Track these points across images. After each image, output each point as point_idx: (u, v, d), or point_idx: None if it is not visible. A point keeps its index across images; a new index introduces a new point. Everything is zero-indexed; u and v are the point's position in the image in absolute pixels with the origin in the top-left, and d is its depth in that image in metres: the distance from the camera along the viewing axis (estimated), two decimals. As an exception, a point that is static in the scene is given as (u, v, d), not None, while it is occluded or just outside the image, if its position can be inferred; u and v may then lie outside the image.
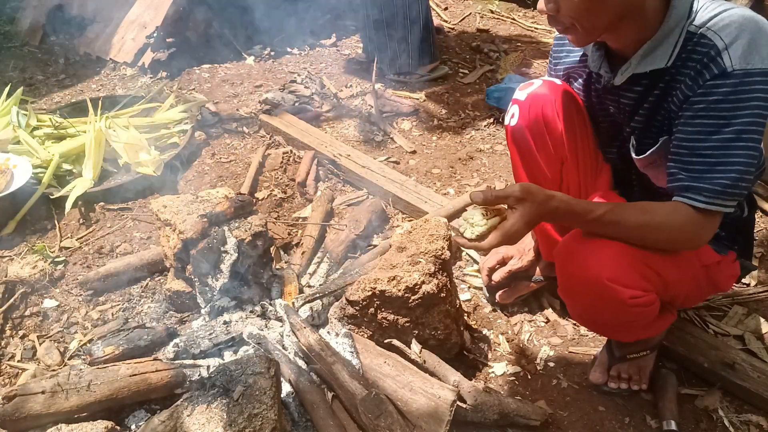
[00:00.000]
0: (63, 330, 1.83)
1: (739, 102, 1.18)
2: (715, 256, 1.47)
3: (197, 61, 3.39)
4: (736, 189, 1.22)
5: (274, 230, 2.18)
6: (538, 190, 1.25)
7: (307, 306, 1.75)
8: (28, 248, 2.09)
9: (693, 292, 1.49)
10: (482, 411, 1.50)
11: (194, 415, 1.31)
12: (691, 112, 1.23)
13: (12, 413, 1.41)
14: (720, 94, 1.18)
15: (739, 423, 1.58)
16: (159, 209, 1.80)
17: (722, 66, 1.17)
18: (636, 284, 1.30)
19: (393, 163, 2.69)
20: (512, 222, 1.24)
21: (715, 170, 1.21)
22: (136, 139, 2.47)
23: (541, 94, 1.56)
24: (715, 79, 1.18)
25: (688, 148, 1.25)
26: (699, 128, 1.22)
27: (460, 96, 3.25)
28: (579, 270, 1.33)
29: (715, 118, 1.20)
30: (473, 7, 4.45)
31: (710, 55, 1.19)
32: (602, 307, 1.35)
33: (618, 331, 1.50)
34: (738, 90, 1.17)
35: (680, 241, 1.30)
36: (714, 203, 1.23)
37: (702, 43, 1.21)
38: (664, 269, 1.34)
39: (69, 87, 3.27)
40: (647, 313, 1.37)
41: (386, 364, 1.54)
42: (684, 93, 1.24)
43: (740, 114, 1.18)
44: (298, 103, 3.04)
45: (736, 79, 1.17)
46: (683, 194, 1.25)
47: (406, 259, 1.60)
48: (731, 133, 1.19)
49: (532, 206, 1.23)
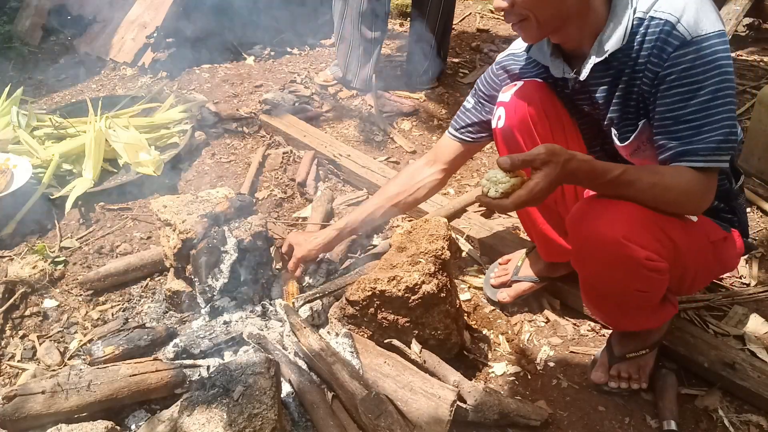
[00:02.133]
0: (63, 330, 1.83)
1: (706, 65, 1.26)
2: (721, 232, 1.50)
3: (197, 61, 3.39)
4: (727, 143, 1.30)
5: (274, 230, 2.18)
6: (561, 150, 1.27)
7: (307, 306, 1.75)
8: (28, 248, 2.09)
9: (702, 268, 1.50)
10: (482, 411, 1.50)
11: (194, 415, 1.31)
12: (665, 85, 1.31)
13: (12, 413, 1.41)
14: (686, 62, 1.27)
15: (739, 423, 1.58)
16: (159, 209, 1.80)
17: (681, 36, 1.27)
18: (651, 246, 1.32)
19: (393, 163, 2.69)
20: (536, 181, 1.25)
21: (703, 131, 1.29)
22: (136, 139, 2.47)
23: (524, 93, 1.58)
24: (678, 50, 1.28)
25: (671, 118, 1.32)
26: (677, 97, 1.30)
27: (460, 96, 3.25)
28: (594, 231, 1.34)
29: (688, 85, 1.29)
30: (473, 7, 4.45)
31: (666, 31, 1.29)
32: (617, 269, 1.35)
33: (624, 311, 1.49)
34: (700, 55, 1.26)
35: (687, 202, 1.35)
36: (712, 160, 1.30)
37: (653, 24, 1.31)
38: (677, 235, 1.36)
39: (69, 87, 3.26)
40: (657, 283, 1.38)
41: (386, 364, 1.54)
42: (652, 71, 1.33)
43: (710, 75, 1.27)
44: (298, 103, 3.04)
45: (695, 45, 1.26)
46: (680, 159, 1.32)
47: (406, 259, 1.60)
48: (707, 94, 1.27)
49: (557, 166, 1.25)
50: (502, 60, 1.69)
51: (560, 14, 1.35)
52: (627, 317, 1.52)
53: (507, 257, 2.00)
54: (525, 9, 1.33)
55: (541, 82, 1.60)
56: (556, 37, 1.45)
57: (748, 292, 1.96)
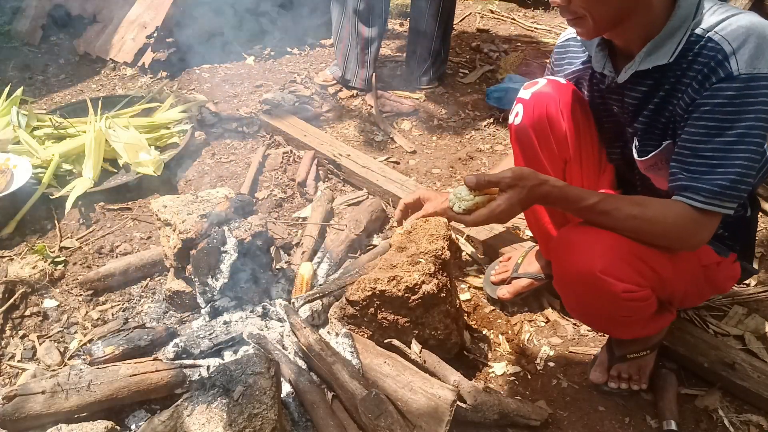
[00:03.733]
0: (63, 330, 1.83)
1: (744, 105, 1.19)
2: (714, 257, 1.47)
3: (197, 61, 3.39)
4: (734, 191, 1.23)
5: (274, 230, 2.18)
6: (530, 174, 1.27)
7: (307, 306, 1.75)
8: (28, 248, 2.09)
9: (691, 291, 1.49)
10: (482, 411, 1.50)
11: (194, 415, 1.31)
12: (697, 114, 1.24)
13: (12, 413, 1.41)
14: (725, 98, 1.20)
15: (739, 423, 1.58)
16: (159, 209, 1.80)
17: (729, 70, 1.19)
18: (629, 278, 1.30)
19: (393, 163, 2.69)
20: (498, 203, 1.29)
21: (715, 172, 1.23)
22: (136, 139, 2.47)
23: (545, 93, 1.56)
24: (721, 83, 1.20)
25: (690, 149, 1.26)
26: (703, 130, 1.24)
27: (460, 96, 3.25)
28: (573, 262, 1.33)
29: (719, 121, 1.22)
30: (473, 7, 4.45)
31: (717, 59, 1.20)
32: (595, 300, 1.35)
33: (614, 327, 1.50)
34: (743, 94, 1.19)
35: (675, 238, 1.31)
36: (712, 203, 1.24)
37: (709, 47, 1.22)
38: (660, 266, 1.34)
39: (69, 87, 3.27)
40: (642, 309, 1.37)
41: (386, 364, 1.54)
42: (690, 96, 1.26)
43: (744, 117, 1.19)
44: (298, 103, 3.04)
45: (741, 83, 1.18)
46: (682, 193, 1.27)
47: (406, 259, 1.60)
48: (734, 136, 1.21)
49: (522, 191, 1.27)
50: (561, 42, 1.64)
51: (618, 14, 1.27)
52: (617, 329, 1.51)
53: (508, 255, 2.01)
54: (582, 7, 1.26)
55: (564, 83, 1.57)
56: (608, 33, 1.38)
57: (748, 292, 1.96)
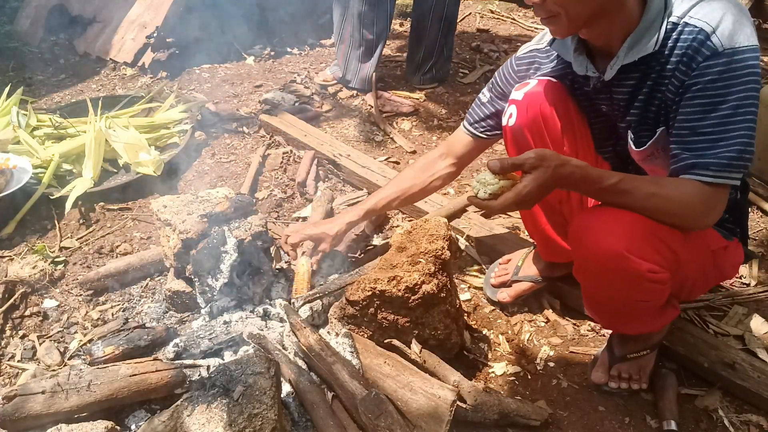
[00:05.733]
0: (63, 330, 1.83)
1: (732, 79, 1.23)
2: (722, 241, 1.49)
3: (197, 61, 3.39)
4: (740, 161, 1.26)
5: (274, 230, 2.18)
6: (552, 155, 1.27)
7: (307, 306, 1.75)
8: (28, 248, 2.09)
9: (700, 277, 1.50)
10: (482, 411, 1.50)
11: (194, 415, 1.31)
12: (689, 94, 1.28)
13: (12, 413, 1.41)
14: (714, 74, 1.24)
15: (739, 423, 1.58)
16: (159, 209, 1.80)
17: (713, 47, 1.23)
18: (652, 258, 1.31)
19: (393, 163, 2.69)
20: (524, 184, 1.27)
21: (718, 145, 1.26)
22: (136, 139, 2.47)
23: (538, 92, 1.56)
24: (708, 60, 1.24)
25: (689, 128, 1.29)
26: (697, 108, 1.27)
27: (460, 96, 3.25)
28: (596, 243, 1.33)
29: (711, 97, 1.25)
30: (473, 7, 4.45)
31: (699, 39, 1.25)
32: (617, 282, 1.35)
33: (624, 318, 1.49)
34: (730, 68, 1.23)
35: (691, 216, 1.32)
36: (722, 176, 1.27)
37: (687, 31, 1.27)
38: (677, 246, 1.35)
39: (69, 87, 3.27)
40: (659, 293, 1.38)
41: (386, 364, 1.54)
42: (679, 79, 1.29)
43: (735, 90, 1.23)
44: (298, 103, 3.04)
45: (726, 57, 1.23)
46: (690, 171, 1.29)
47: (406, 259, 1.60)
48: (728, 108, 1.24)
49: (547, 171, 1.26)
50: (523, 54, 1.64)
51: (592, 11, 1.29)
52: (628, 323, 1.52)
53: (507, 257, 2.00)
54: (556, 5, 1.28)
55: (555, 81, 1.57)
56: (584, 32, 1.39)
57: (748, 292, 1.96)
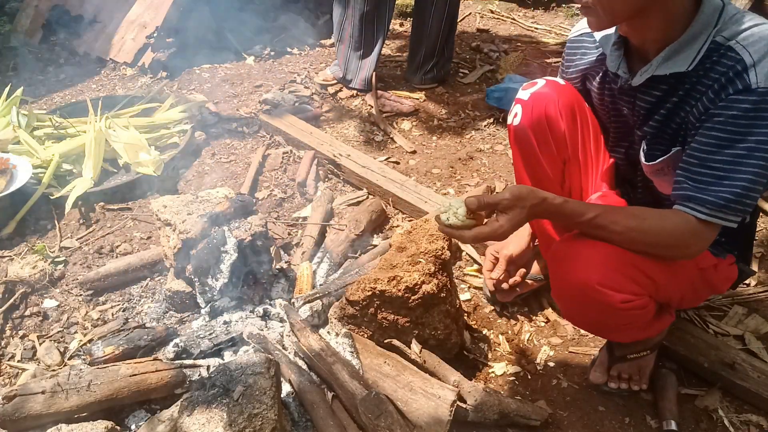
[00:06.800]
0: (63, 330, 1.83)
1: (757, 119, 1.17)
2: (711, 259, 1.47)
3: (197, 61, 3.39)
4: (739, 205, 1.22)
5: (274, 230, 2.18)
6: (528, 194, 1.26)
7: (307, 306, 1.75)
8: (28, 248, 2.09)
9: (688, 294, 1.49)
10: (482, 411, 1.50)
11: (194, 415, 1.31)
12: (709, 123, 1.22)
13: (12, 413, 1.41)
14: (740, 110, 1.18)
15: (739, 423, 1.58)
16: (159, 209, 1.80)
17: (747, 82, 1.16)
18: (626, 288, 1.30)
19: (393, 163, 2.69)
20: (500, 224, 1.27)
21: (722, 183, 1.21)
22: (136, 139, 2.47)
23: (544, 93, 1.55)
24: (738, 94, 1.17)
25: (698, 159, 1.24)
26: (713, 140, 1.22)
27: (460, 96, 3.25)
28: (570, 274, 1.33)
29: (731, 133, 1.19)
30: (473, 7, 4.45)
31: (736, 70, 1.18)
32: (594, 311, 1.35)
33: (614, 333, 1.50)
34: (759, 108, 1.16)
35: (673, 247, 1.30)
36: (715, 216, 1.23)
37: (729, 56, 1.20)
38: (656, 272, 1.34)
39: (69, 87, 3.27)
40: (641, 316, 1.37)
41: (386, 364, 1.54)
42: (705, 104, 1.23)
43: (756, 131, 1.17)
44: (298, 103, 3.04)
45: (758, 96, 1.16)
46: (685, 203, 1.26)
47: (406, 259, 1.60)
48: (744, 149, 1.19)
49: (522, 212, 1.26)
50: (573, 37, 1.60)
51: (628, 10, 1.23)
52: (617, 334, 1.51)
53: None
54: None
55: (564, 83, 1.57)
56: (624, 29, 1.34)
57: (748, 292, 1.96)
